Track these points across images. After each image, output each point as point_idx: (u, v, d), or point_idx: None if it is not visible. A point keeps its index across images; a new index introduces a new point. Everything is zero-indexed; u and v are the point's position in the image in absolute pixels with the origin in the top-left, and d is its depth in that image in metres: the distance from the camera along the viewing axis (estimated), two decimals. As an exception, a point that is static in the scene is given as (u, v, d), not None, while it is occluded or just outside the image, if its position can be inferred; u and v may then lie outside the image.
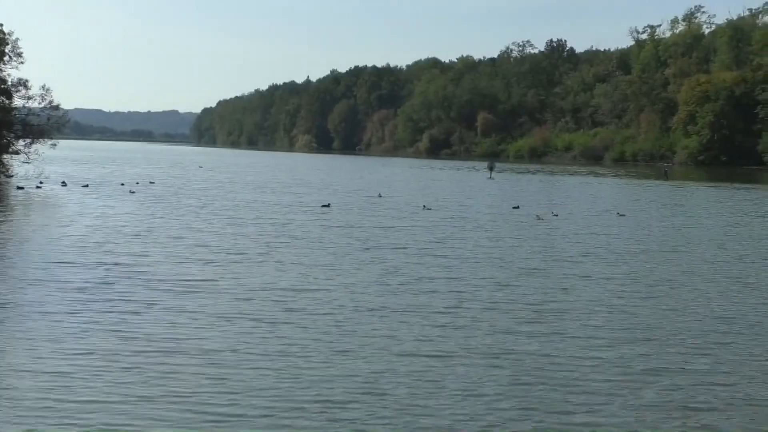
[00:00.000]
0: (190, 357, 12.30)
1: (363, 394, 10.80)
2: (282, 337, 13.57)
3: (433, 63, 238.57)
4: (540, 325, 14.71)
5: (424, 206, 39.83)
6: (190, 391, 10.79)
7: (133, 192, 45.97)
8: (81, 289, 16.91)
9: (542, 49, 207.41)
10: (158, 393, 10.66)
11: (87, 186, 49.33)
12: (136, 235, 26.42)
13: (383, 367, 11.98)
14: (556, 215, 36.98)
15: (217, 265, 20.54)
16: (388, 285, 18.27)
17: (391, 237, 27.46)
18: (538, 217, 35.81)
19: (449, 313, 15.55)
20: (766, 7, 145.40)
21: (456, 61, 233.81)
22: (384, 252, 23.66)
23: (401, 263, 21.51)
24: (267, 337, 13.53)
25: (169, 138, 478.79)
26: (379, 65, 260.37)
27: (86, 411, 9.96)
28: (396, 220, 33.23)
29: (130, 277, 18.42)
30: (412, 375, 11.64)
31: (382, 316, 15.16)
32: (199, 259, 21.45)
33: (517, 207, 40.88)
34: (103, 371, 11.52)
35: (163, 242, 24.73)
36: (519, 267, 21.49)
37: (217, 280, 18.42)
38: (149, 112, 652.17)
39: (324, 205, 39.69)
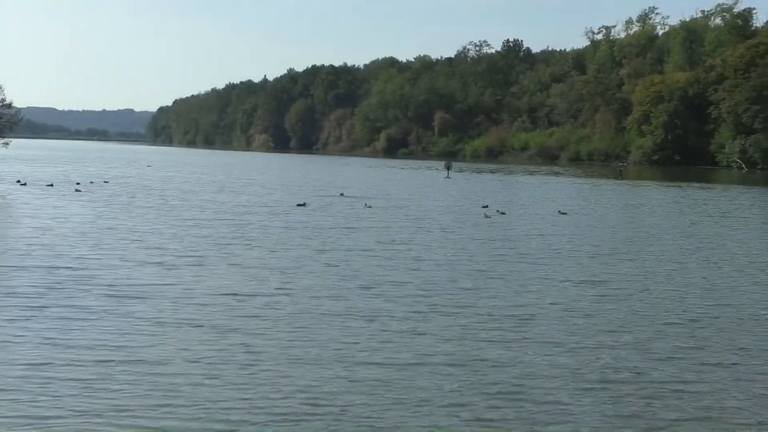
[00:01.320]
0: (138, 366, 11.75)
1: (321, 405, 10.36)
2: (237, 344, 13.03)
3: (390, 62, 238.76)
4: (500, 331, 14.29)
5: (365, 204, 40.34)
6: (137, 403, 10.28)
7: (80, 191, 45.19)
8: (23, 295, 16.21)
9: (499, 49, 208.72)
10: (102, 407, 10.13)
11: (52, 185, 48.45)
12: (85, 236, 25.59)
13: (342, 376, 11.53)
14: (503, 213, 37.30)
15: (169, 269, 19.92)
16: (347, 289, 17.79)
17: (350, 238, 27.03)
18: (486, 216, 36.16)
19: (409, 318, 15.09)
20: (718, 8, 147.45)
21: (413, 60, 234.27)
22: (342, 254, 23.19)
23: (360, 266, 21.06)
24: (221, 345, 13.00)
25: (125, 137, 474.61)
26: (336, 64, 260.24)
27: (18, 426, 9.44)
28: (356, 220, 32.90)
29: (76, 282, 17.70)
30: (371, 384, 11.19)
31: (341, 322, 14.68)
32: (152, 262, 20.80)
33: (486, 206, 41.08)
34: (49, 382, 10.93)
35: (113, 244, 23.98)
36: (477, 269, 21.12)
37: (169, 285, 17.79)
38: (104, 110, 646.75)
39: (299, 204, 39.68)
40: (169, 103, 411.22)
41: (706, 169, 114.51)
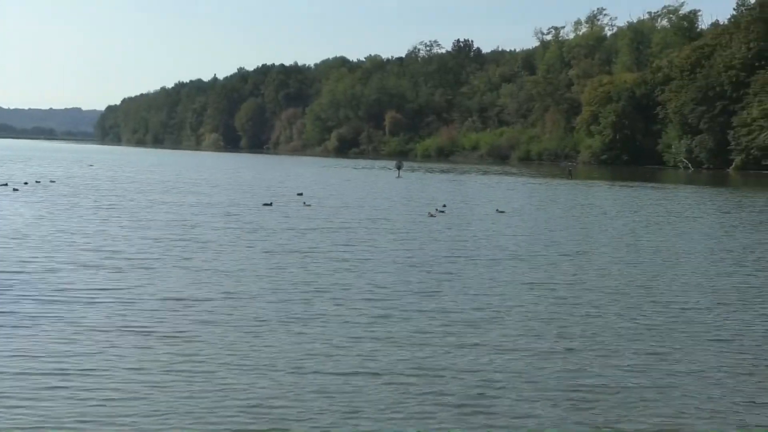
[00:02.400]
0: (78, 376, 11.34)
1: (269, 416, 10.07)
2: (183, 352, 12.65)
3: (341, 62, 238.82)
4: (455, 336, 14.01)
5: (304, 202, 40.60)
6: (73, 414, 9.89)
7: (17, 189, 44.43)
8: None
9: (449, 49, 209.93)
10: (35, 419, 9.74)
11: (6, 185, 47.53)
12: (26, 238, 24.80)
13: (293, 385, 11.22)
14: (443, 212, 37.44)
15: (114, 272, 19.37)
16: (298, 293, 17.41)
17: (302, 239, 26.66)
18: (430, 214, 36.43)
19: (361, 324, 14.78)
20: (664, 10, 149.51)
21: (364, 60, 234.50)
22: (292, 256, 22.80)
23: (311, 269, 20.70)
24: (170, 353, 12.58)
25: (72, 136, 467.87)
26: (286, 63, 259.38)
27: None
28: (308, 221, 32.56)
29: (13, 287, 17.09)
30: (322, 394, 10.89)
31: (291, 328, 14.33)
32: (96, 266, 20.21)
33: (445, 206, 41.19)
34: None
35: (56, 246, 23.29)
36: (427, 271, 20.84)
37: (114, 289, 17.26)
38: (51, 109, 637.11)
39: (265, 204, 39.63)
40: (118, 102, 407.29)
41: (653, 168, 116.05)
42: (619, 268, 22.15)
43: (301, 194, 47.50)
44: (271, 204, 39.78)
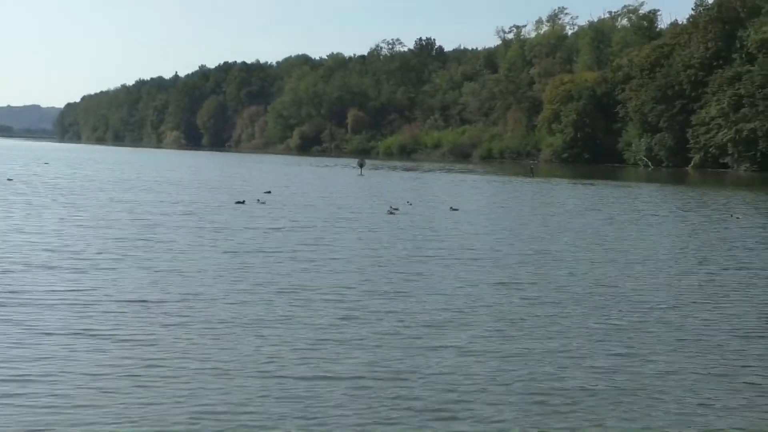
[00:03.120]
0: (32, 383, 11.01)
1: (230, 421, 9.84)
2: (141, 356, 12.33)
3: (303, 60, 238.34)
4: (420, 339, 13.79)
5: (258, 200, 40.66)
6: (26, 427, 9.56)
7: None
8: None
9: (411, 47, 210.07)
10: None
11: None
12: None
13: (254, 390, 10.96)
14: (396, 210, 37.22)
15: (72, 273, 18.91)
16: (259, 294, 17.12)
17: (265, 239, 26.32)
18: (390, 211, 36.52)
19: (324, 326, 14.52)
20: (624, 10, 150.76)
21: (326, 58, 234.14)
22: (254, 256, 22.46)
23: (273, 269, 20.38)
24: (127, 357, 12.27)
25: (31, 133, 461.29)
26: (248, 61, 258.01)
27: None
28: (270, 220, 32.26)
29: None
30: (285, 399, 10.63)
31: (252, 331, 14.03)
32: (52, 266, 19.73)
33: (411, 204, 41.37)
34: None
35: (11, 246, 22.62)
36: (390, 271, 20.64)
37: (71, 291, 16.83)
38: (8, 106, 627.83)
39: (238, 202, 39.57)
40: (77, 99, 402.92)
41: (614, 166, 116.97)
42: (584, 267, 22.08)
43: (269, 192, 47.46)
44: (243, 202, 39.60)
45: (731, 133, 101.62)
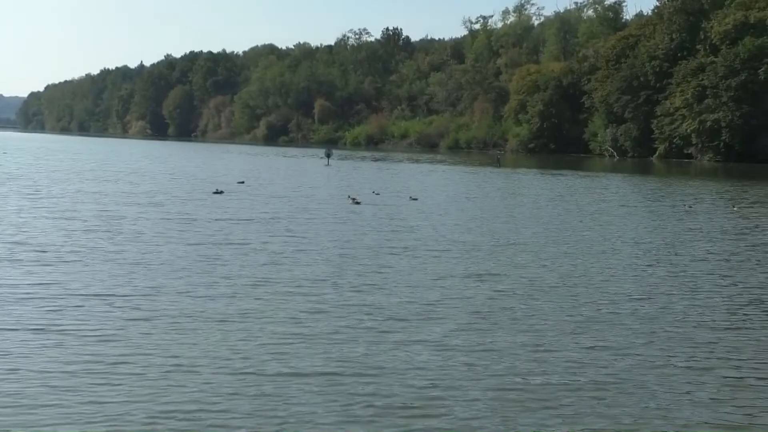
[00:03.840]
0: None
1: (193, 420, 9.62)
2: (108, 355, 11.99)
3: (270, 49, 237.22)
4: (390, 333, 13.58)
5: (217, 190, 40.83)
6: None
7: None
8: None
9: (378, 37, 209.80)
10: None
11: None
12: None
13: (221, 386, 10.73)
14: (358, 202, 37.03)
15: (36, 267, 18.53)
16: (225, 287, 16.88)
17: (232, 231, 25.97)
18: (355, 202, 36.65)
19: (291, 320, 14.29)
20: (590, 1, 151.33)
21: (293, 48, 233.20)
22: (220, 249, 22.14)
23: (240, 262, 20.11)
24: (91, 354, 11.97)
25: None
26: (215, 51, 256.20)
27: None
28: (237, 211, 31.92)
29: None
30: (251, 396, 10.42)
31: (219, 326, 13.79)
32: (15, 260, 19.31)
33: (378, 194, 41.58)
34: None
35: None
36: (362, 263, 20.44)
37: (32, 284, 16.51)
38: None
39: (216, 192, 39.79)
40: (41, 89, 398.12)
41: (580, 157, 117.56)
42: (554, 259, 22.02)
43: (242, 182, 47.43)
44: (222, 192, 39.65)
45: (695, 123, 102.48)
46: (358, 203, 36.23)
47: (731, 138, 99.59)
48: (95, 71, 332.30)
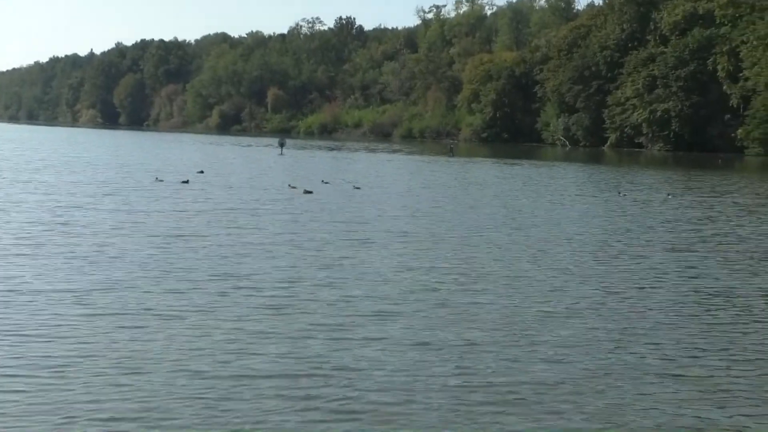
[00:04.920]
0: None
1: (137, 421, 9.38)
2: (50, 355, 11.64)
3: (222, 38, 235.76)
4: (341, 330, 13.28)
5: (156, 178, 40.99)
6: None
7: None
8: None
9: (331, 26, 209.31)
10: None
11: None
12: None
13: (174, 390, 10.36)
14: (310, 191, 36.92)
15: None
16: (168, 281, 16.48)
17: (178, 222, 25.50)
18: (291, 186, 37.30)
19: (251, 317, 13.92)
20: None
21: (245, 36, 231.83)
22: (165, 240, 21.71)
23: (184, 255, 19.63)
24: (32, 353, 11.65)
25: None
26: (166, 39, 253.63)
27: None
28: (187, 203, 31.32)
29: None
30: (206, 398, 10.11)
31: (161, 323, 13.45)
32: None
33: (327, 182, 41.95)
34: None
35: None
36: (317, 255, 20.15)
37: None
38: None
39: (183, 181, 39.82)
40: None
41: (532, 146, 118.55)
42: (515, 250, 21.85)
43: (202, 172, 47.41)
44: (188, 181, 39.65)
45: (645, 113, 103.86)
46: (309, 192, 36.30)
47: (681, 127, 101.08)
48: (44, 59, 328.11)
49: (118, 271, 17.53)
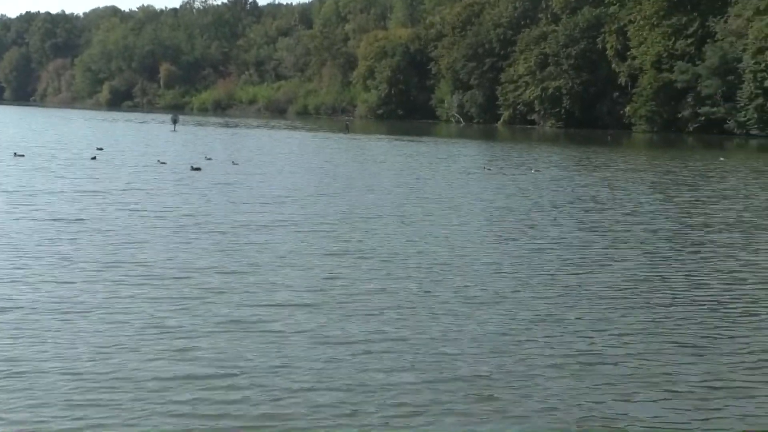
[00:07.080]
0: None
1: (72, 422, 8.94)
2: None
3: (112, 11, 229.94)
4: (272, 323, 12.55)
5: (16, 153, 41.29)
6: None
7: None
8: None
9: (225, 1, 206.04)
10: None
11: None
12: None
13: (67, 395, 9.72)
14: (198, 169, 36.87)
15: None
16: (75, 273, 15.68)
17: (73, 206, 24.33)
18: (193, 167, 36.97)
19: (154, 311, 13.09)
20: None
21: (136, 10, 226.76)
22: (61, 226, 20.72)
23: (93, 241, 18.76)
24: None
25: None
26: (53, 11, 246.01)
27: None
28: (87, 183, 30.20)
29: None
30: (99, 402, 9.53)
31: (96, 318, 12.74)
32: None
33: (210, 158, 42.02)
34: None
35: None
36: (225, 241, 19.28)
37: None
38: None
39: (17, 154, 39.89)
40: None
41: (427, 122, 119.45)
42: (422, 232, 21.23)
43: (101, 149, 46.55)
44: (200, 169, 37.19)
45: (538, 90, 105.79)
46: (197, 169, 36.20)
47: (572, 105, 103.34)
48: None
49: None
